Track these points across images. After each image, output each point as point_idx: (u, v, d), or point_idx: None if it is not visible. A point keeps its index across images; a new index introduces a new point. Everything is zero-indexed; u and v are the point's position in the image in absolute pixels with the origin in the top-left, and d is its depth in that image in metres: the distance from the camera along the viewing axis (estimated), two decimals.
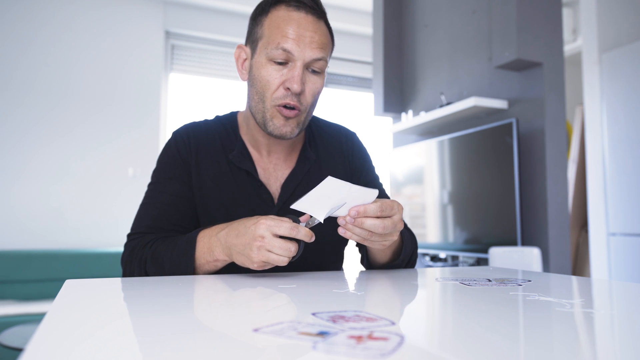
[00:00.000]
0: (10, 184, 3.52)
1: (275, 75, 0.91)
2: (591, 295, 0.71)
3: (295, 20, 0.90)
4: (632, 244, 2.82)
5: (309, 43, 0.90)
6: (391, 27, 3.54)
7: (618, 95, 2.96)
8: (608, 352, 0.42)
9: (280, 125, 0.93)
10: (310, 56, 0.90)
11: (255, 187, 0.99)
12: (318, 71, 0.94)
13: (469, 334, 0.46)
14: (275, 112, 0.93)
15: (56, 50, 3.68)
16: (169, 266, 0.87)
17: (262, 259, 0.76)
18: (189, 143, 1.00)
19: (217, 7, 4.16)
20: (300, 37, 0.89)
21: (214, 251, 0.84)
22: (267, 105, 0.93)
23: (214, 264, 0.86)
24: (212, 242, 0.84)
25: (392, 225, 0.78)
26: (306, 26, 0.90)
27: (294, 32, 0.90)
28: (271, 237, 0.75)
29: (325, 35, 0.94)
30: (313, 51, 0.90)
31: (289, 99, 0.91)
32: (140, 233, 0.96)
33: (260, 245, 0.75)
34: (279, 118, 0.93)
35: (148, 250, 0.91)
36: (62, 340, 0.41)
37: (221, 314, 0.56)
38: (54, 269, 3.30)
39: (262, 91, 0.93)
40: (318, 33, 0.91)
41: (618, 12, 3.10)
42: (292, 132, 0.94)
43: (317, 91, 0.95)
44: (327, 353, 0.37)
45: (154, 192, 0.99)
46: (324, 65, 0.94)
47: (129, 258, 0.93)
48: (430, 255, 3.05)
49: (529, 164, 2.45)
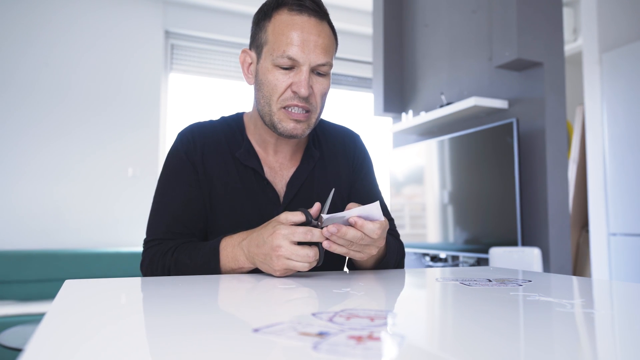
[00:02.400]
0: (10, 184, 3.52)
1: (282, 79, 0.92)
2: (592, 295, 0.71)
3: (299, 25, 0.91)
4: (633, 244, 2.81)
5: (313, 48, 0.91)
6: (391, 27, 3.54)
7: (618, 95, 2.95)
8: (608, 352, 0.42)
9: (291, 128, 0.94)
10: (315, 61, 0.91)
11: (262, 185, 1.00)
12: (323, 73, 0.95)
13: (469, 334, 0.46)
14: (283, 115, 0.94)
15: (56, 50, 3.69)
16: (193, 274, 0.89)
17: (283, 267, 0.79)
18: (194, 143, 1.01)
19: (217, 7, 4.16)
20: (304, 43, 0.90)
21: (239, 260, 0.87)
22: (274, 109, 0.94)
23: (240, 271, 0.89)
24: (236, 251, 0.87)
25: (369, 240, 0.79)
26: (310, 30, 0.91)
27: (298, 37, 0.90)
28: (289, 245, 0.78)
29: (328, 37, 0.94)
30: (318, 56, 0.91)
31: (297, 101, 0.92)
32: (158, 240, 0.96)
33: (279, 255, 0.78)
34: (288, 121, 0.94)
35: (170, 258, 0.92)
36: (62, 341, 0.41)
37: (221, 315, 0.56)
38: (54, 269, 3.30)
39: (269, 95, 0.94)
40: (322, 36, 0.92)
41: (618, 12, 3.10)
42: (303, 132, 0.96)
43: (324, 92, 0.96)
44: (327, 353, 0.37)
45: (165, 197, 0.99)
46: (329, 69, 0.95)
47: (150, 266, 0.94)
48: (431, 256, 3.05)
49: (529, 164, 2.45)
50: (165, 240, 0.95)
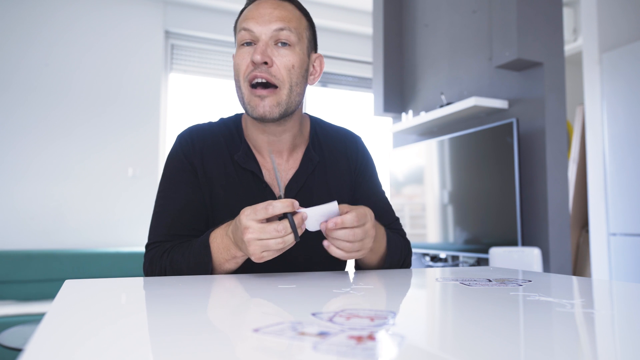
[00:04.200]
0: (10, 184, 3.52)
1: (244, 57, 0.93)
2: (592, 295, 0.71)
3: (256, 4, 0.94)
4: (633, 244, 2.81)
5: (268, 19, 0.92)
6: (391, 27, 3.54)
7: (618, 95, 2.95)
8: (608, 352, 0.42)
9: (256, 105, 0.92)
10: (271, 28, 0.91)
11: (261, 188, 0.99)
12: (287, 43, 0.92)
13: (469, 334, 0.46)
14: (249, 93, 0.92)
15: (56, 50, 3.69)
16: (188, 272, 0.89)
17: (257, 250, 0.76)
18: (193, 145, 1.00)
19: (217, 7, 4.16)
20: (260, 15, 0.92)
21: (230, 249, 0.85)
22: (243, 89, 0.93)
23: (234, 261, 0.86)
24: (225, 241, 0.85)
25: (362, 233, 0.79)
26: (265, 5, 0.93)
27: (254, 12, 0.93)
28: (255, 224, 0.75)
29: (288, 10, 0.94)
30: (273, 23, 0.91)
31: (257, 72, 0.90)
32: (158, 242, 0.96)
33: (249, 238, 0.75)
34: (254, 99, 0.92)
35: (166, 258, 0.92)
36: (62, 341, 0.41)
37: (221, 315, 0.56)
38: (54, 269, 3.30)
39: (237, 76, 0.94)
40: (278, 9, 0.93)
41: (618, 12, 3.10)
42: (271, 110, 0.91)
43: (289, 64, 0.92)
44: (327, 353, 0.37)
45: (166, 200, 0.99)
46: (291, 36, 0.92)
47: (150, 268, 0.94)
48: (431, 256, 3.05)
49: (529, 164, 2.45)
50: (164, 243, 0.95)
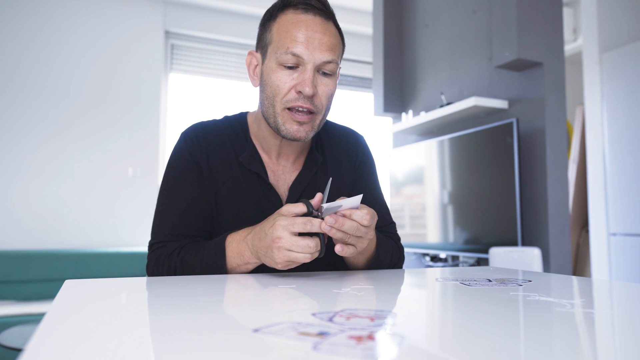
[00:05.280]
0: (11, 184, 3.52)
1: (285, 80, 0.90)
2: (592, 295, 0.71)
3: (304, 23, 0.90)
4: (633, 244, 2.81)
5: (318, 45, 0.89)
6: (391, 27, 3.54)
7: (618, 95, 2.95)
8: (608, 352, 0.42)
9: (294, 130, 0.92)
10: (320, 59, 0.89)
11: (265, 189, 0.99)
12: (329, 73, 0.93)
13: (469, 334, 0.46)
14: (287, 116, 0.92)
15: (56, 50, 3.69)
16: (200, 273, 0.89)
17: (284, 259, 0.78)
18: (199, 144, 0.99)
19: (217, 7, 4.16)
20: (309, 40, 0.89)
21: (244, 255, 0.86)
22: (278, 110, 0.92)
23: (246, 267, 0.88)
24: (241, 246, 0.86)
25: (364, 230, 0.80)
26: (314, 28, 0.90)
27: (302, 35, 0.89)
28: (289, 236, 0.77)
29: (334, 36, 0.92)
30: (323, 54, 0.89)
31: (301, 102, 0.90)
32: (163, 242, 0.95)
33: (279, 246, 0.77)
34: (291, 123, 0.92)
35: (176, 258, 0.91)
36: (62, 341, 0.41)
37: (221, 315, 0.56)
38: (54, 269, 3.30)
39: (272, 96, 0.92)
40: (327, 35, 0.90)
41: (618, 12, 3.10)
42: (306, 135, 0.94)
43: (330, 93, 0.94)
44: (327, 353, 0.37)
45: (170, 198, 0.98)
46: (335, 68, 0.93)
47: (155, 268, 0.93)
48: (431, 256, 3.05)
49: (529, 164, 2.45)
50: (170, 242, 0.94)
